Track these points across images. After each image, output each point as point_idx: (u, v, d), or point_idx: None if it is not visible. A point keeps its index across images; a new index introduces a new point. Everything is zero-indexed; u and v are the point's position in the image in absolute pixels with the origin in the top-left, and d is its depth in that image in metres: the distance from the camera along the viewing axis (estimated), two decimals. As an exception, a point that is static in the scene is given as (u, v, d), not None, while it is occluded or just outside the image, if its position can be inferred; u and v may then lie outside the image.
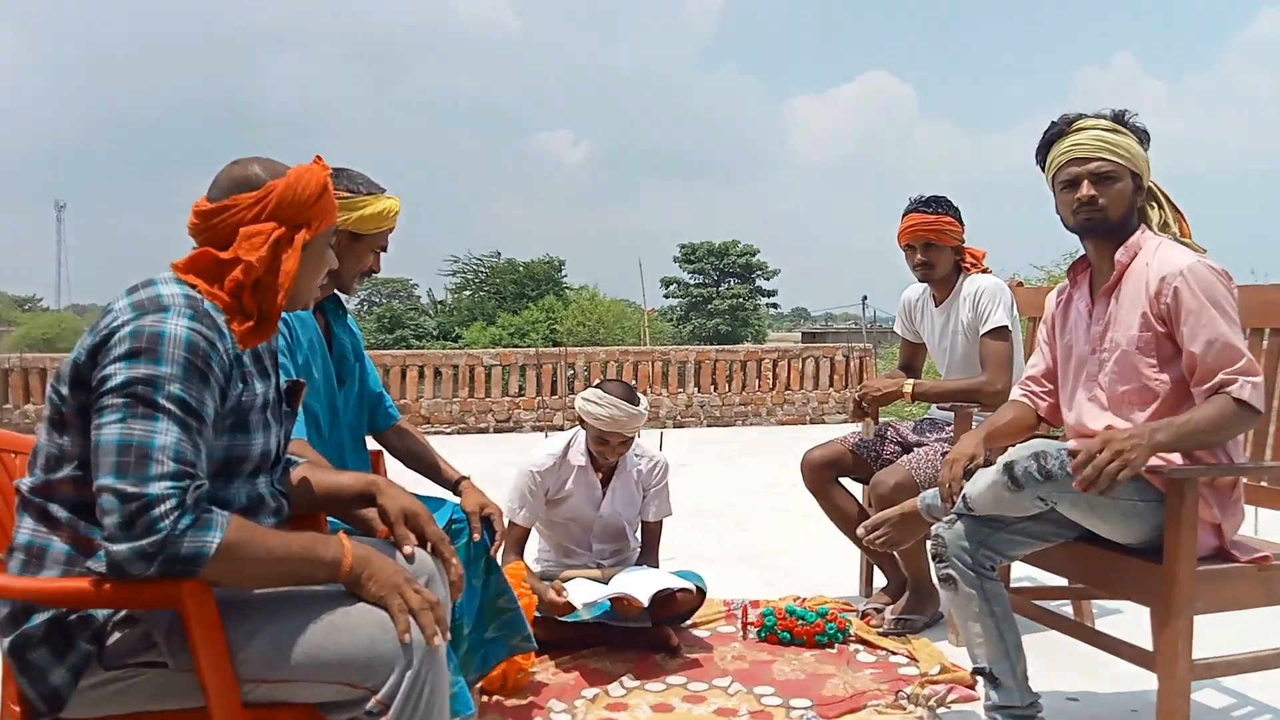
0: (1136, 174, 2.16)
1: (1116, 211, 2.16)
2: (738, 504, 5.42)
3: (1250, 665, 2.13)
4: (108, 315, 1.43)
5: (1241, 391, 1.99)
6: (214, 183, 1.55)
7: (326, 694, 1.43)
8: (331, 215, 1.60)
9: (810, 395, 10.11)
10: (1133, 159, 2.14)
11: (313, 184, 1.55)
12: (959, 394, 3.06)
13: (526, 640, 2.34)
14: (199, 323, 1.41)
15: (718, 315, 43.04)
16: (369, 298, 46.73)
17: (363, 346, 2.44)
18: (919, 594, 3.08)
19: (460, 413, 9.31)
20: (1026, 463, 1.97)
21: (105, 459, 1.32)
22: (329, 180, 1.59)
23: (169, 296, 1.43)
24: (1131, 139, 2.15)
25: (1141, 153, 2.16)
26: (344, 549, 1.46)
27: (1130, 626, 2.72)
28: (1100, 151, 2.13)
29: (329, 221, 1.60)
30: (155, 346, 1.37)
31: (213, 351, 1.42)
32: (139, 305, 1.42)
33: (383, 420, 2.49)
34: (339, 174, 2.14)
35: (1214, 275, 2.06)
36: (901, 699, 2.50)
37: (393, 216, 2.22)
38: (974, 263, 3.24)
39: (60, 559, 1.42)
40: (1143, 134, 2.18)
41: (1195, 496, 1.97)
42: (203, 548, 1.31)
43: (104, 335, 1.39)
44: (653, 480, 3.12)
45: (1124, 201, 2.16)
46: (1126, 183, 2.15)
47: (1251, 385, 2.00)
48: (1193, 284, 2.05)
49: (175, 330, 1.39)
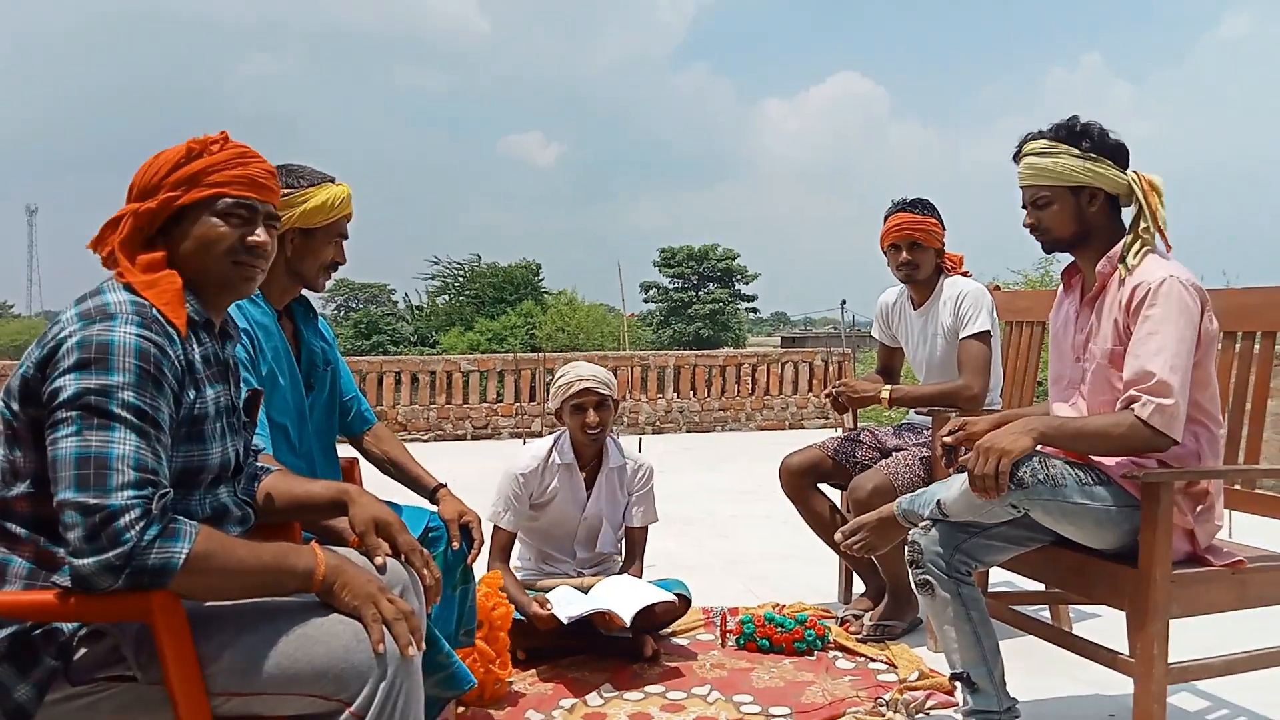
0: (1080, 188, 2.14)
1: (1063, 230, 2.18)
2: (717, 510, 5.41)
3: (1224, 669, 2.15)
4: (55, 326, 1.40)
5: (1143, 410, 1.98)
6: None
7: (300, 706, 1.40)
8: (207, 183, 1.51)
9: (789, 400, 10.14)
10: (1067, 175, 2.13)
11: (165, 157, 1.52)
12: (936, 398, 3.07)
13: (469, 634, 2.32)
14: (148, 329, 1.38)
15: (698, 320, 43.14)
16: (345, 303, 46.48)
17: (336, 351, 2.39)
18: (897, 600, 3.08)
19: (437, 419, 9.27)
20: None
21: (64, 473, 1.29)
22: (199, 148, 1.52)
23: (116, 304, 1.40)
24: (1067, 155, 2.13)
25: (1082, 165, 2.12)
26: (317, 558, 1.44)
27: (1106, 631, 2.73)
28: (1032, 180, 2.18)
29: (200, 190, 1.51)
30: (105, 355, 1.34)
31: (164, 358, 1.39)
32: (86, 315, 1.39)
33: (357, 424, 2.44)
34: (282, 170, 2.05)
35: (1186, 295, 2.04)
36: (880, 705, 2.50)
37: (341, 204, 2.12)
38: (952, 266, 3.26)
39: (21, 574, 1.39)
40: (1093, 139, 2.14)
41: (1170, 500, 1.98)
42: (171, 558, 1.29)
43: (51, 347, 1.37)
44: (637, 484, 3.11)
45: (1066, 220, 2.17)
46: (1065, 201, 2.16)
47: (1156, 406, 1.97)
48: (1159, 299, 2.03)
49: (124, 338, 1.36)
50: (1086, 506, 2.01)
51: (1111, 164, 2.15)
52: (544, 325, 29.14)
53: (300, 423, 2.20)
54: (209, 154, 1.52)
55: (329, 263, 2.17)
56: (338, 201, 2.12)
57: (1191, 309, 2.04)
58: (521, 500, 2.99)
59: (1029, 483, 1.96)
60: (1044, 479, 1.97)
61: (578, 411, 2.98)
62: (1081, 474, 2.03)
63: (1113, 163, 2.15)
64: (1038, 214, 2.19)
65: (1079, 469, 2.04)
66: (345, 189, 2.15)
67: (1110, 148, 2.16)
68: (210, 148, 1.54)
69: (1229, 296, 2.47)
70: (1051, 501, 1.99)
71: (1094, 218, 2.18)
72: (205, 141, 1.54)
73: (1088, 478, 2.03)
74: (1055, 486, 1.98)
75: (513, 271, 36.50)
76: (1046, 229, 2.20)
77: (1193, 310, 2.04)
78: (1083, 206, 2.17)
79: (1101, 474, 2.06)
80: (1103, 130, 2.16)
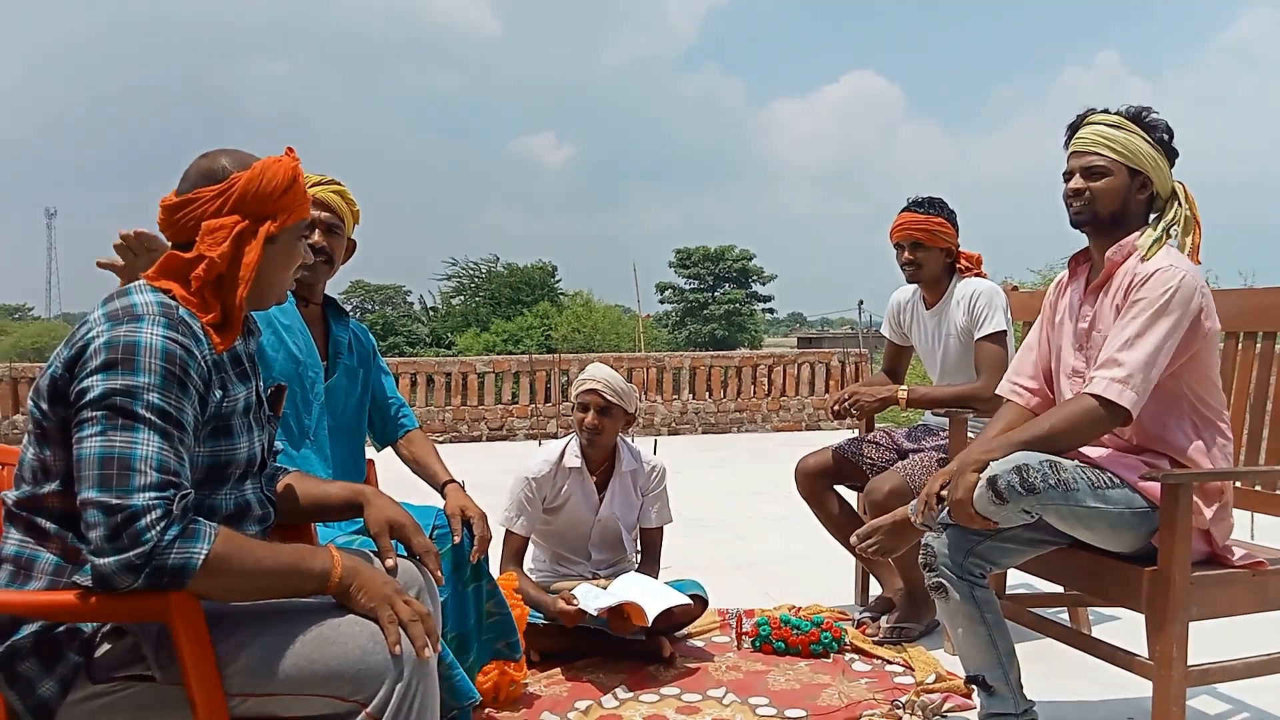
0: (1137, 170, 2.14)
1: (1106, 206, 2.16)
2: (732, 512, 5.40)
3: (1244, 671, 2.13)
4: (83, 327, 1.42)
5: (1096, 385, 2.01)
6: (183, 176, 1.52)
7: (316, 707, 1.41)
8: (303, 208, 1.57)
9: (806, 401, 10.11)
10: (1132, 156, 2.13)
11: (280, 175, 1.52)
12: (954, 400, 3.05)
13: (511, 647, 2.32)
14: (175, 330, 1.40)
15: (713, 321, 43.09)
16: (361, 305, 46.70)
17: (373, 353, 2.48)
18: (914, 602, 3.07)
19: (453, 421, 9.29)
20: (1009, 476, 1.95)
21: (87, 473, 1.31)
22: (299, 171, 1.55)
23: (143, 305, 1.42)
24: (1137, 137, 2.14)
25: (1148, 151, 2.13)
26: (333, 560, 1.45)
27: (1125, 633, 2.72)
28: (1095, 146, 2.15)
29: (299, 214, 1.56)
30: (131, 357, 1.35)
31: (190, 359, 1.40)
32: (113, 316, 1.40)
33: (393, 430, 2.50)
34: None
35: (1184, 289, 2.03)
36: (897, 708, 2.49)
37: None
38: (968, 266, 3.24)
39: (48, 569, 1.41)
40: (1160, 133, 2.16)
41: (1189, 502, 1.97)
42: (190, 559, 1.30)
43: (79, 348, 1.38)
44: (651, 485, 3.12)
45: (1114, 197, 2.15)
46: (1120, 178, 2.14)
47: (1110, 380, 2.00)
48: (1158, 285, 2.04)
49: (151, 339, 1.37)
50: (1100, 510, 2.00)
51: (1168, 165, 2.17)
52: (560, 326, 29.20)
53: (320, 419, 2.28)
54: (300, 176, 1.57)
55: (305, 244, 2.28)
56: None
57: (1187, 303, 2.03)
58: (534, 504, 2.99)
59: (1040, 488, 1.95)
60: (1055, 483, 1.96)
61: (580, 409, 3.01)
62: (1094, 477, 2.02)
63: (1169, 164, 2.17)
64: (1089, 183, 2.16)
65: (1090, 471, 2.02)
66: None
67: (1171, 149, 2.18)
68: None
69: (1249, 296, 2.45)
70: (1064, 506, 1.97)
71: (1136, 206, 2.17)
72: (298, 164, 1.57)
73: (1100, 480, 2.02)
74: (1067, 491, 1.97)
75: (529, 273, 36.58)
76: (1091, 199, 2.16)
77: (1187, 305, 2.03)
78: (1133, 190, 2.16)
79: (1114, 477, 2.04)
80: (1169, 128, 2.17)
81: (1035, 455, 2.02)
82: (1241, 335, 2.51)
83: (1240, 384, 2.50)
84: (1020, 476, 1.95)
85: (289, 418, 2.21)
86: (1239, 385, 2.50)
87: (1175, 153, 2.18)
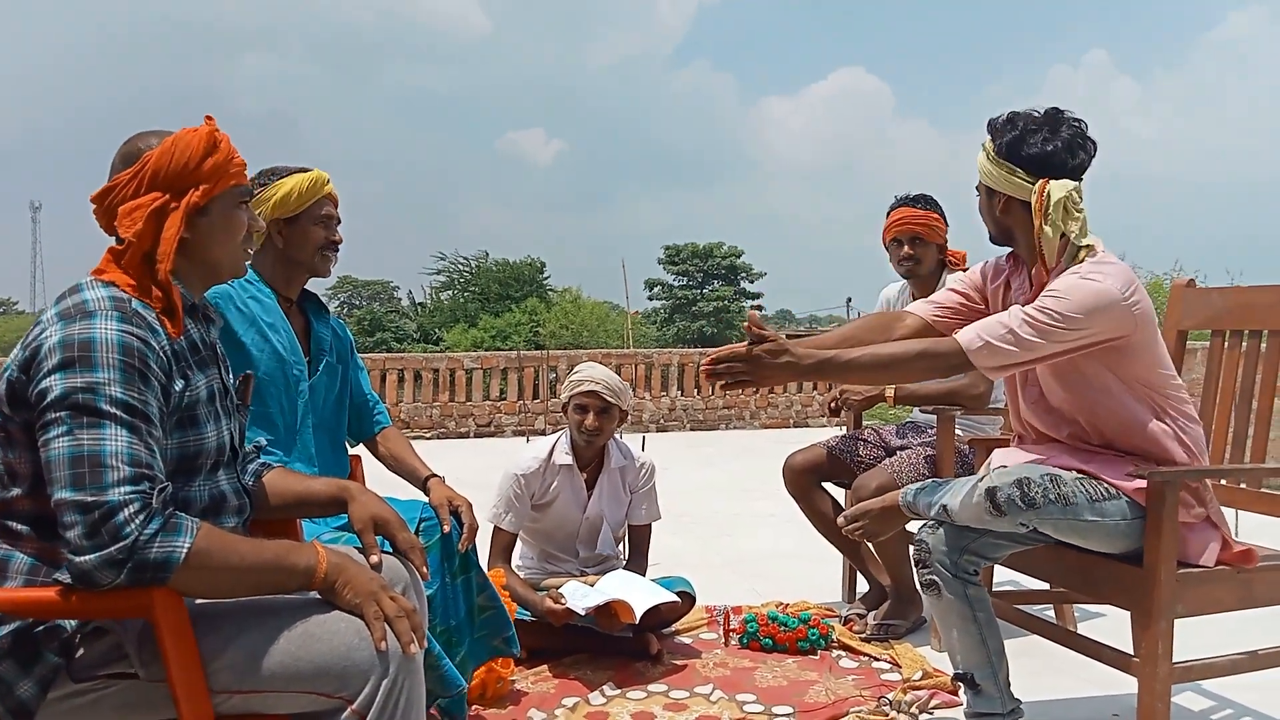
0: (990, 189, 2.15)
1: (987, 225, 2.21)
2: (720, 509, 5.41)
3: (1229, 668, 2.14)
4: (36, 327, 1.39)
5: (963, 335, 2.02)
6: (111, 164, 1.50)
7: (302, 704, 1.40)
8: (230, 174, 1.52)
9: (794, 398, 10.12)
10: (980, 173, 2.16)
11: (195, 145, 1.48)
12: (941, 397, 3.06)
13: (508, 643, 2.32)
14: (129, 323, 1.38)
15: (702, 318, 43.06)
16: (348, 300, 46.51)
17: (350, 349, 2.46)
18: (901, 599, 3.08)
19: (441, 417, 9.27)
20: (1009, 490, 1.95)
21: (59, 474, 1.29)
22: (218, 138, 1.51)
23: (95, 300, 1.39)
24: (983, 151, 2.14)
25: (987, 167, 2.12)
26: (318, 556, 1.44)
27: (1111, 630, 2.73)
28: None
29: (227, 181, 1.52)
30: (88, 353, 1.33)
31: (148, 350, 1.38)
32: (65, 314, 1.38)
33: (368, 427, 2.48)
34: (266, 172, 2.23)
35: (1105, 300, 1.97)
36: (884, 705, 2.49)
37: (311, 188, 2.23)
38: (954, 263, 3.25)
39: (23, 569, 1.39)
40: (1003, 147, 2.08)
41: (1176, 499, 1.97)
42: (172, 553, 1.29)
43: (33, 349, 1.36)
44: (640, 482, 3.12)
45: (985, 217, 2.20)
46: (983, 198, 2.19)
47: (977, 334, 2.00)
48: (1069, 281, 2.00)
49: (105, 334, 1.35)
50: (1098, 523, 2.00)
51: (1023, 172, 2.06)
52: (548, 323, 29.16)
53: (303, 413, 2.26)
54: (222, 143, 1.53)
55: (323, 244, 2.28)
56: (304, 188, 2.23)
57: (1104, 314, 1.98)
58: (523, 501, 2.99)
59: (1040, 503, 1.94)
60: (1055, 498, 1.95)
61: (579, 411, 2.99)
62: (1091, 489, 2.01)
63: (1025, 171, 2.06)
64: (989, 212, 2.21)
65: (1088, 484, 2.01)
66: (316, 174, 2.26)
67: (1024, 157, 2.05)
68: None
69: (1236, 295, 2.46)
70: (1062, 520, 1.97)
71: (1007, 222, 2.16)
72: (215, 130, 1.53)
73: (1098, 493, 2.01)
74: (1066, 505, 1.96)
75: (518, 268, 36.48)
76: (996, 232, 2.22)
77: (1105, 316, 1.98)
78: (995, 208, 2.17)
79: (1111, 488, 2.03)
80: (1019, 137, 2.06)
81: (1036, 468, 2.01)
82: (1228, 333, 2.52)
83: (1226, 382, 2.51)
84: (1021, 490, 1.94)
85: (275, 416, 2.19)
86: (1225, 383, 2.51)
87: (1039, 158, 2.04)
